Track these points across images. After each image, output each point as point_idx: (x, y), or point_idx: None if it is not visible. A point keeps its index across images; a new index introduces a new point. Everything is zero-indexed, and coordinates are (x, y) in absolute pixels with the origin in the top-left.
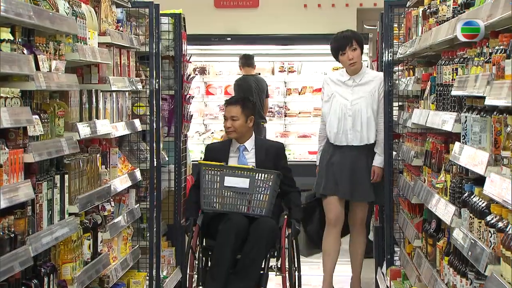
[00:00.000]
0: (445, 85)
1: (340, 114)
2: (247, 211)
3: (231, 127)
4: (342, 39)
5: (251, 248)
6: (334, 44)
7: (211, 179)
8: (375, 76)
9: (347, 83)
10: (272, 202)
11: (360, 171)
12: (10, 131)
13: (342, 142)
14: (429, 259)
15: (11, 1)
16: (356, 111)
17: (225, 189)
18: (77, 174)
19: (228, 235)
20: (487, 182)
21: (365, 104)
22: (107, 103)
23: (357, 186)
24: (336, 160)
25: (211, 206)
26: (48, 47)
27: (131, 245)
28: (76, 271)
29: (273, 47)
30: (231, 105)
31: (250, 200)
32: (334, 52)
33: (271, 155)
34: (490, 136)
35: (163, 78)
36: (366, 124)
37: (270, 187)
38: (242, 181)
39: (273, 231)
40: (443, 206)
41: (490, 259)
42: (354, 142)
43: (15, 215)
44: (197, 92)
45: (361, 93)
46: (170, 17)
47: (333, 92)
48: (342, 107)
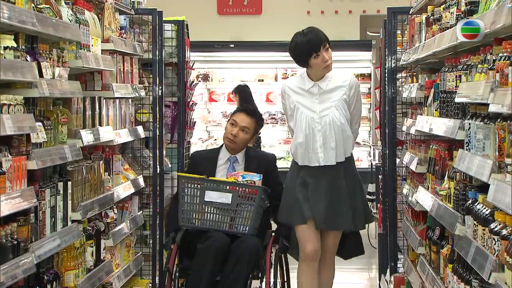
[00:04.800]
0: (449, 92)
1: (307, 130)
2: (229, 228)
3: (237, 137)
4: (314, 40)
5: (232, 268)
6: (305, 46)
7: (191, 193)
8: (344, 80)
9: (311, 91)
10: (256, 219)
11: (336, 193)
12: (14, 138)
13: (313, 163)
14: (433, 267)
15: (14, 8)
16: (327, 124)
17: (205, 205)
18: (80, 181)
19: (207, 255)
20: (491, 189)
21: (337, 114)
22: (110, 110)
23: (334, 212)
24: (307, 183)
25: (190, 222)
26: (52, 54)
27: (134, 252)
28: (79, 278)
29: (276, 54)
30: (247, 114)
31: (232, 217)
32: (303, 57)
33: (263, 167)
34: (494, 143)
35: (166, 85)
36: (342, 138)
37: (254, 203)
38: (224, 196)
39: (256, 251)
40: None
41: (494, 267)
42: (328, 162)
43: (18, 222)
44: (200, 99)
45: (329, 102)
46: (173, 24)
47: (295, 103)
48: (309, 121)
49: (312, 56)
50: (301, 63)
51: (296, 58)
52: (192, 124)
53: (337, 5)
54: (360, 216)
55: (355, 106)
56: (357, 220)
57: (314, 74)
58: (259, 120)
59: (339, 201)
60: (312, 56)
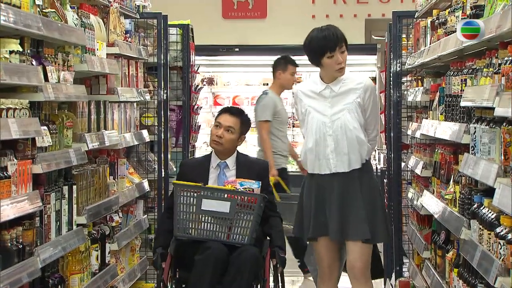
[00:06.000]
0: (454, 96)
1: (317, 135)
2: (227, 238)
3: (222, 138)
4: (330, 37)
5: (232, 281)
6: (320, 43)
7: (187, 202)
8: (359, 83)
9: (323, 94)
10: (255, 228)
11: (351, 201)
12: (19, 142)
13: (323, 170)
14: (438, 271)
15: (20, 12)
16: (338, 128)
17: (202, 214)
18: (85, 185)
19: (206, 266)
20: (496, 193)
21: (349, 117)
22: (115, 114)
23: (349, 220)
24: (320, 192)
25: (186, 232)
26: (57, 58)
27: (138, 256)
28: (84, 282)
29: None
30: (231, 114)
31: (230, 227)
32: (317, 54)
33: (254, 174)
34: (499, 147)
35: (171, 88)
36: (356, 143)
37: (253, 212)
38: (222, 204)
39: (256, 261)
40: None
41: (500, 271)
42: (339, 169)
43: (23, 226)
44: (205, 103)
45: (342, 105)
46: (178, 28)
47: (307, 107)
48: (320, 125)
49: (326, 55)
50: (314, 61)
51: (309, 55)
52: (197, 128)
53: (342, 9)
54: (381, 227)
55: (371, 111)
56: (378, 231)
57: (326, 75)
58: (245, 119)
59: (353, 210)
60: (325, 54)
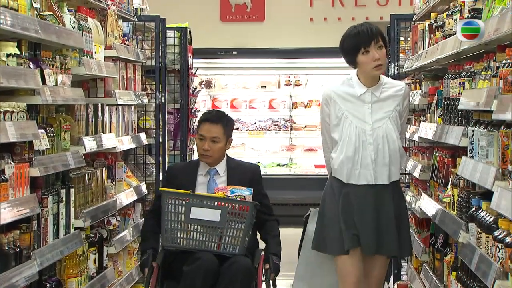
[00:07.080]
0: (452, 99)
1: (357, 143)
2: (217, 248)
3: (210, 150)
4: (364, 33)
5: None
6: (354, 39)
7: (175, 210)
8: (399, 89)
9: (363, 98)
10: (246, 238)
11: (384, 216)
12: (16, 145)
13: (361, 181)
14: (436, 274)
15: (17, 15)
16: (380, 137)
17: (191, 223)
18: (83, 188)
19: (196, 278)
20: (494, 196)
21: (391, 127)
22: (113, 117)
23: (383, 236)
24: (352, 204)
25: (174, 242)
26: (54, 61)
27: (136, 260)
28: (82, 286)
29: (279, 61)
30: (211, 123)
31: (221, 236)
32: (351, 51)
33: (246, 180)
34: (497, 150)
35: (169, 91)
36: (397, 154)
37: (245, 220)
38: (211, 212)
39: (248, 272)
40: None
41: (498, 275)
42: (379, 180)
43: (20, 229)
44: (203, 106)
45: (383, 112)
46: (176, 31)
47: (344, 112)
48: (360, 133)
49: (360, 52)
50: (349, 60)
51: (344, 54)
52: (194, 131)
53: (340, 12)
54: (407, 242)
55: (404, 119)
56: (404, 246)
57: (364, 77)
58: (227, 122)
59: (386, 225)
60: (360, 51)
